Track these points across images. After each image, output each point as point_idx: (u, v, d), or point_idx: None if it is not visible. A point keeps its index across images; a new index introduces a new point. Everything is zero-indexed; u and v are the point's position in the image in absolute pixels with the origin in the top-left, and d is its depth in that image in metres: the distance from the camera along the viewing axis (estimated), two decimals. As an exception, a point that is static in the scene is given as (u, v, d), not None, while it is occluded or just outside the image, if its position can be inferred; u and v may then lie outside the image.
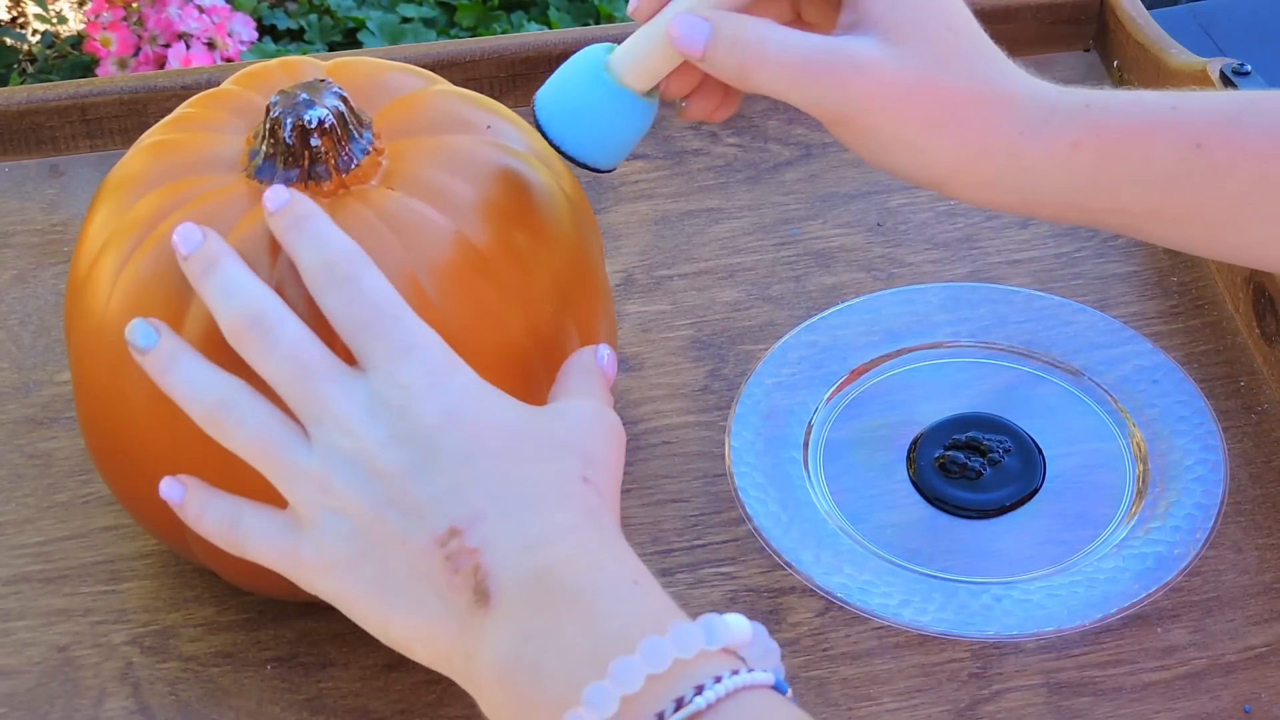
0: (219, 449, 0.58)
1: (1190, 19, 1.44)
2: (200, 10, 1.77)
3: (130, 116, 0.91)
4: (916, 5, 0.59)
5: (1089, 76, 0.97)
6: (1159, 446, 0.74)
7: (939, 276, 0.85)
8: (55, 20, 1.97)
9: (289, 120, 0.61)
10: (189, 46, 1.75)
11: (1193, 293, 0.84)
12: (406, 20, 1.98)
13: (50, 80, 1.87)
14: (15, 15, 2.06)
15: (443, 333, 0.57)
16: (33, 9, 2.00)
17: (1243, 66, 0.85)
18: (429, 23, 1.98)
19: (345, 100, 0.63)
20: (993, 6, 0.96)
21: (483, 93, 0.70)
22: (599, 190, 0.90)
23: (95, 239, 0.64)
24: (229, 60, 1.77)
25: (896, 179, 0.64)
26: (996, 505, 0.73)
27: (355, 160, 0.63)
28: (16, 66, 1.92)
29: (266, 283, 0.58)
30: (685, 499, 0.74)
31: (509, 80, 0.94)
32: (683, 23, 0.59)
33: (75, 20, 1.98)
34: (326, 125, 0.62)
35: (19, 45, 1.94)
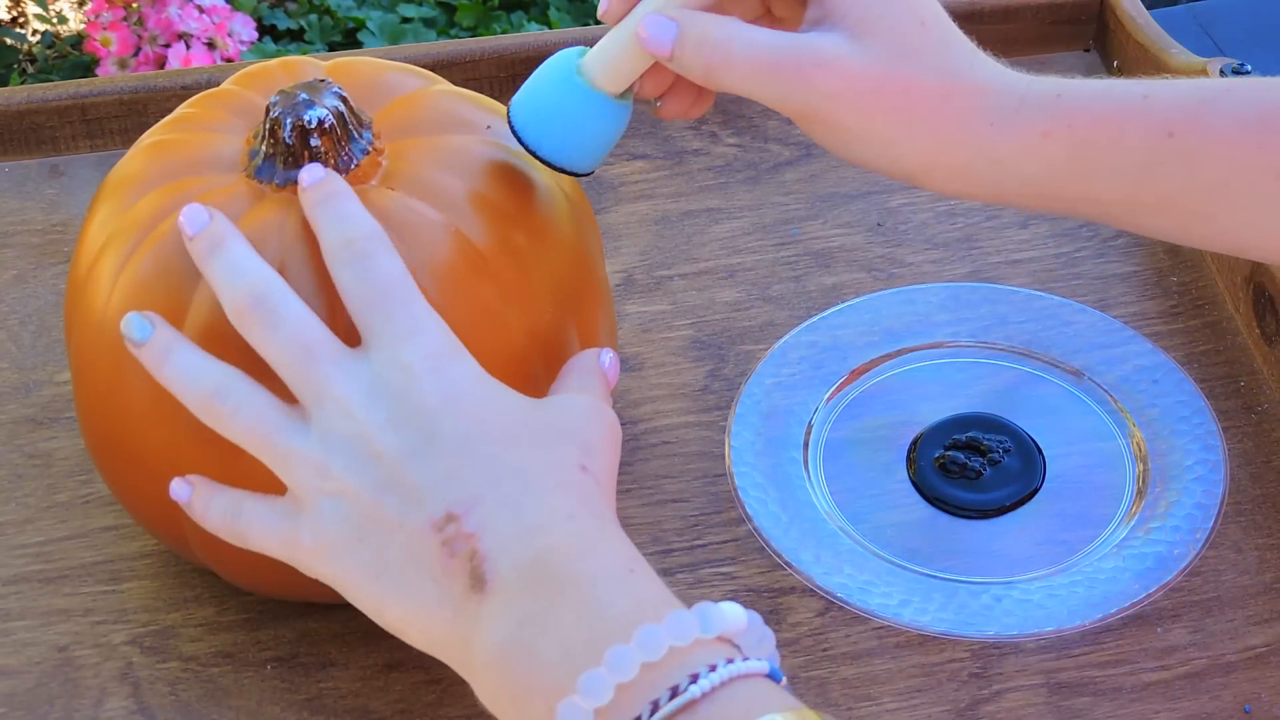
0: (219, 447, 0.58)
1: (1190, 19, 1.44)
2: (200, 10, 1.77)
3: (130, 116, 0.91)
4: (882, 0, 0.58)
5: (1089, 76, 0.97)
6: (1159, 446, 0.74)
7: (939, 276, 0.85)
8: (55, 20, 1.97)
9: (289, 120, 0.61)
10: (189, 46, 1.75)
11: (1193, 293, 0.84)
12: (406, 20, 1.98)
13: (50, 80, 1.87)
14: (15, 15, 2.06)
15: (442, 333, 0.57)
16: (33, 9, 2.00)
17: (1243, 66, 0.85)
18: (429, 23, 1.99)
19: (345, 100, 0.63)
20: (993, 6, 0.96)
21: (483, 93, 0.70)
22: (599, 190, 0.90)
23: (95, 239, 0.64)
24: (229, 60, 1.77)
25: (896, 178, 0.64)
26: (996, 505, 0.73)
27: (355, 160, 0.63)
28: (16, 66, 1.92)
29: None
30: (685, 499, 0.74)
31: (509, 80, 0.94)
32: (650, 23, 0.59)
33: (75, 20, 1.98)
34: (326, 125, 0.62)
35: (19, 45, 1.94)
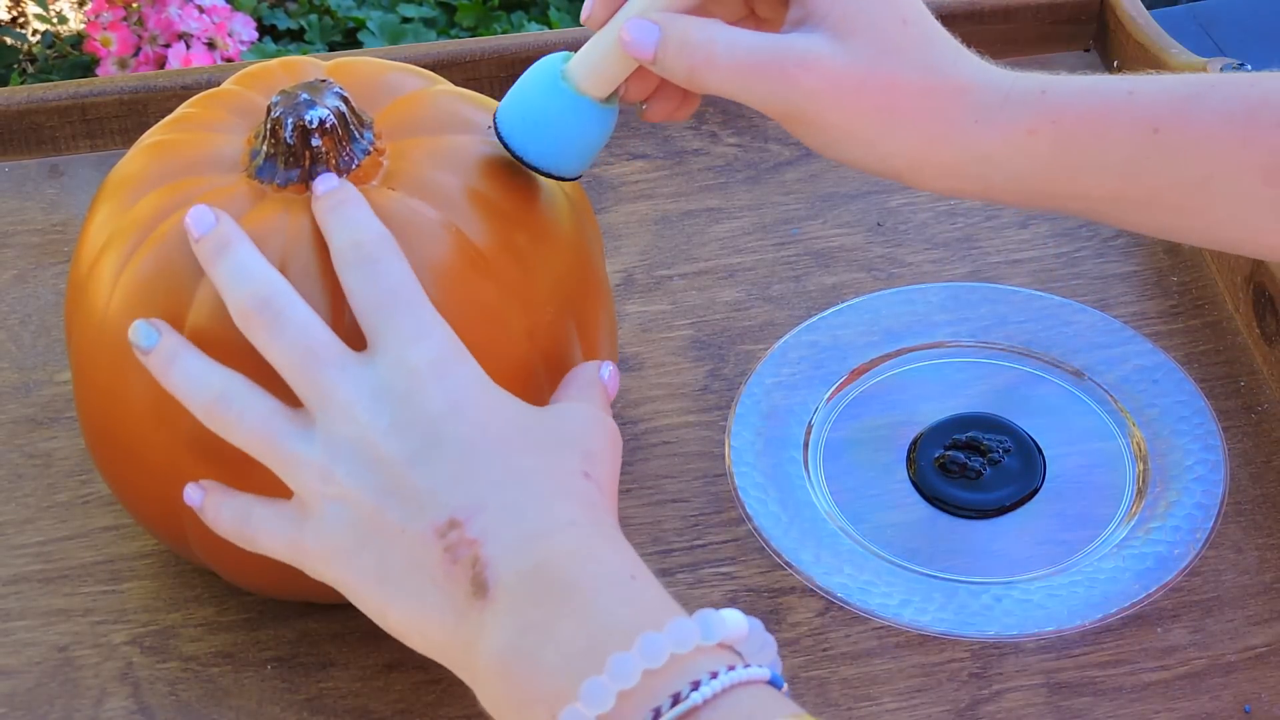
0: (219, 448, 0.58)
1: (1190, 19, 1.44)
2: (200, 10, 1.77)
3: (130, 116, 0.91)
4: None
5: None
6: (1159, 446, 0.74)
7: (939, 276, 0.85)
8: (55, 20, 1.97)
9: (290, 120, 0.61)
10: (189, 46, 1.75)
11: (1193, 293, 0.84)
12: (406, 20, 1.98)
13: (50, 80, 1.87)
14: (15, 15, 2.06)
15: (443, 333, 0.57)
16: (33, 9, 2.00)
17: (1243, 66, 0.85)
18: (429, 23, 1.99)
19: (346, 100, 0.63)
20: (993, 6, 0.96)
21: (483, 93, 0.70)
22: (599, 190, 0.90)
23: (96, 239, 0.64)
24: (229, 60, 1.77)
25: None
26: (996, 505, 0.73)
27: (356, 160, 0.63)
28: (16, 66, 1.92)
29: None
30: (685, 499, 0.74)
31: (509, 80, 0.92)
32: (633, 27, 0.59)
33: (75, 20, 1.98)
34: (328, 125, 0.62)
35: (19, 45, 1.94)
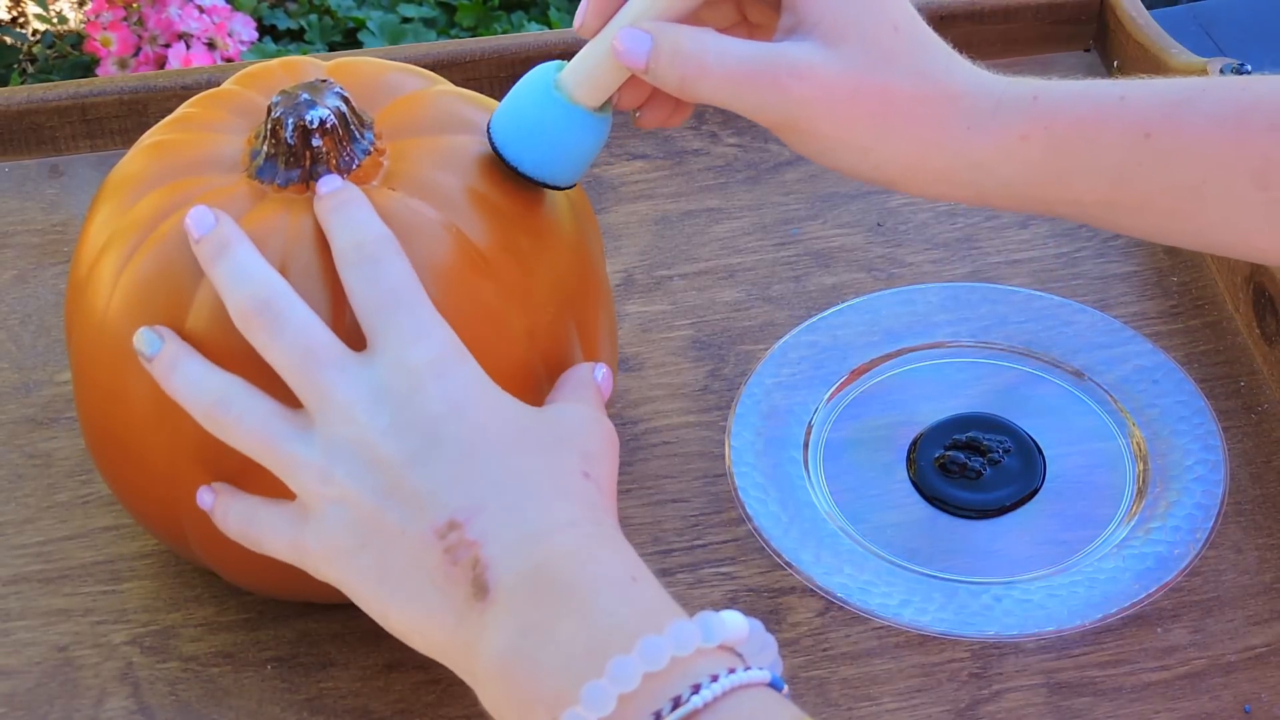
0: (218, 449, 0.58)
1: (1190, 19, 1.44)
2: (200, 10, 1.77)
3: (130, 116, 0.91)
4: (855, 5, 0.58)
5: (1089, 77, 0.97)
6: (1159, 446, 0.74)
7: (939, 276, 0.85)
8: (55, 20, 1.97)
9: (290, 120, 0.61)
10: (189, 46, 1.75)
11: (1193, 293, 0.84)
12: (406, 20, 1.98)
13: (50, 80, 1.87)
14: (15, 15, 2.06)
15: (443, 333, 0.57)
16: (33, 9, 2.00)
17: (1243, 66, 0.85)
18: (429, 23, 1.99)
19: (347, 100, 0.63)
20: (993, 6, 0.96)
21: (483, 93, 0.70)
22: (599, 190, 0.90)
23: (96, 239, 0.64)
24: (229, 60, 1.77)
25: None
26: (996, 505, 0.73)
27: (357, 160, 0.63)
28: (16, 66, 1.92)
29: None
30: (685, 499, 0.74)
31: (509, 80, 0.92)
32: (626, 36, 0.59)
33: (75, 20, 1.98)
34: (328, 125, 0.62)
35: (19, 45, 1.94)
